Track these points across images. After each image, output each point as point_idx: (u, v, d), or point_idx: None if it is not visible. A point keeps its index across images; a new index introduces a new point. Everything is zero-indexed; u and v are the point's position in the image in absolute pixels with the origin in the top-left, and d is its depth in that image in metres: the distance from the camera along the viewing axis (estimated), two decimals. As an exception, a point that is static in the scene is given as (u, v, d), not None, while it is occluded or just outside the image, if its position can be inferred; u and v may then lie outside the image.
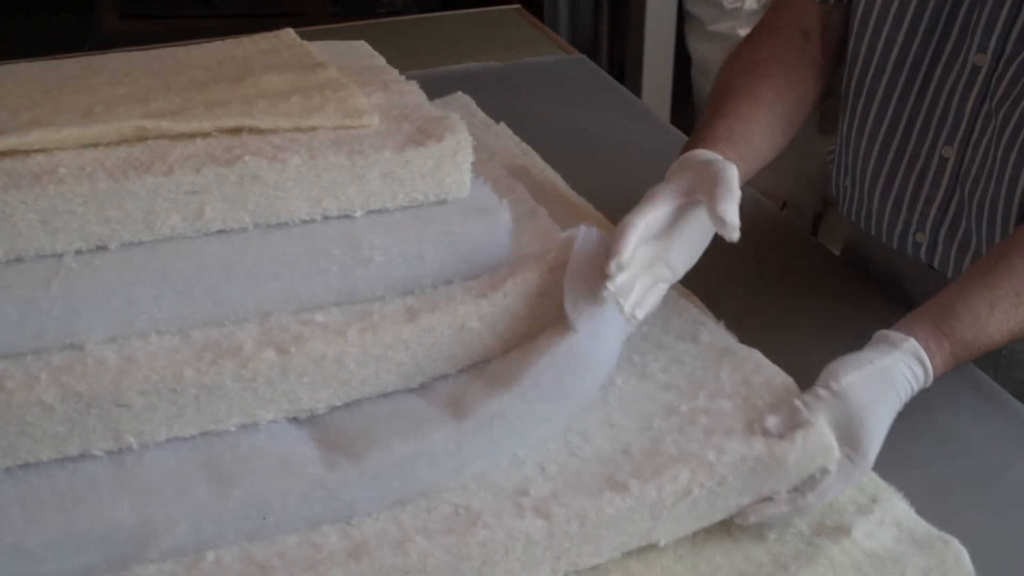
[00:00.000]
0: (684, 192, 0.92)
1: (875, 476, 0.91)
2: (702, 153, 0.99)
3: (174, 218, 0.87)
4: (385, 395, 0.87)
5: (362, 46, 1.23)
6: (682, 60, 2.47)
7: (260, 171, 0.87)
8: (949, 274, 1.16)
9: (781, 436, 0.84)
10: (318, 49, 1.15)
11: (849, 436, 0.85)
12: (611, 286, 0.85)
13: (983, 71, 1.07)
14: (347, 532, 0.80)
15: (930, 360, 0.89)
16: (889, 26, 1.12)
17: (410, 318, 0.85)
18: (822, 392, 0.85)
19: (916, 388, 0.89)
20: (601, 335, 0.85)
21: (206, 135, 0.91)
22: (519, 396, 0.83)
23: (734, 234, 0.88)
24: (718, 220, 0.88)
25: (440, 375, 0.87)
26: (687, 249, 0.92)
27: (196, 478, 0.79)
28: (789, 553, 0.86)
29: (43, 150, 0.88)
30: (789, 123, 1.11)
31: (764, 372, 0.93)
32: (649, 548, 0.85)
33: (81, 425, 0.79)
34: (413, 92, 1.04)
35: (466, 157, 0.92)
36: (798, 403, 0.85)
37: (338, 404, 0.85)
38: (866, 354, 0.88)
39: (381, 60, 1.16)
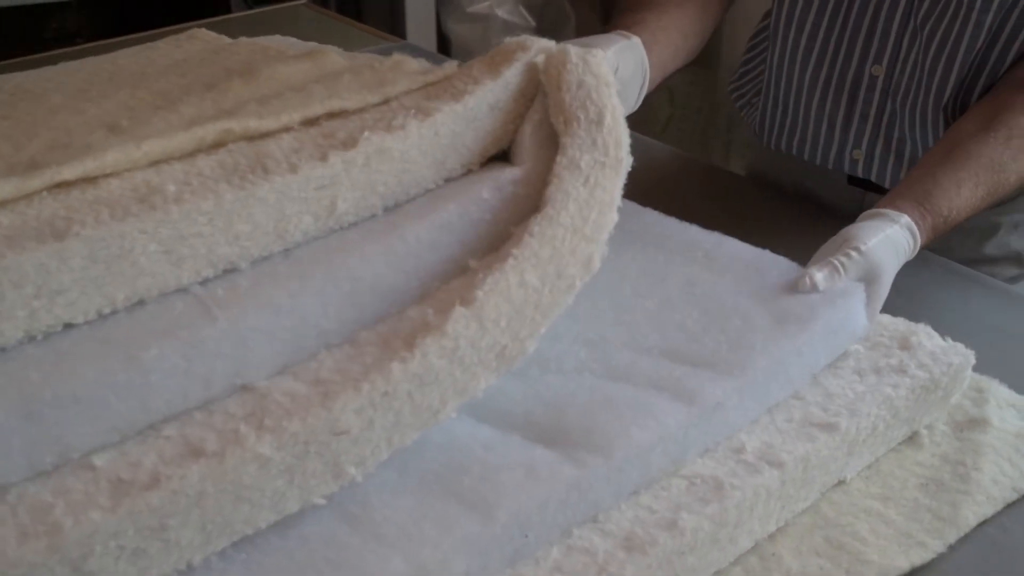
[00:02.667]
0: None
1: (972, 373, 0.96)
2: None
3: (306, 220, 0.74)
4: (577, 383, 0.79)
5: (287, 38, 1.11)
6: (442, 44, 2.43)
7: (385, 144, 0.76)
8: (887, 184, 1.24)
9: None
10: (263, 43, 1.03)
11: (868, 289, 0.91)
12: None
13: None
14: (604, 529, 0.72)
15: (918, 233, 0.98)
16: None
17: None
18: (853, 254, 0.92)
19: (907, 257, 0.98)
20: (818, 347, 0.86)
21: (288, 129, 0.78)
22: (738, 388, 0.79)
23: None
24: None
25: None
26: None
27: (450, 509, 0.68)
28: (952, 450, 0.88)
29: (114, 173, 0.72)
30: (699, 36, 1.17)
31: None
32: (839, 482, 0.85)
33: (300, 472, 0.65)
34: (414, 60, 0.96)
35: None
36: (837, 263, 0.91)
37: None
38: (876, 224, 0.96)
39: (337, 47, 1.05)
